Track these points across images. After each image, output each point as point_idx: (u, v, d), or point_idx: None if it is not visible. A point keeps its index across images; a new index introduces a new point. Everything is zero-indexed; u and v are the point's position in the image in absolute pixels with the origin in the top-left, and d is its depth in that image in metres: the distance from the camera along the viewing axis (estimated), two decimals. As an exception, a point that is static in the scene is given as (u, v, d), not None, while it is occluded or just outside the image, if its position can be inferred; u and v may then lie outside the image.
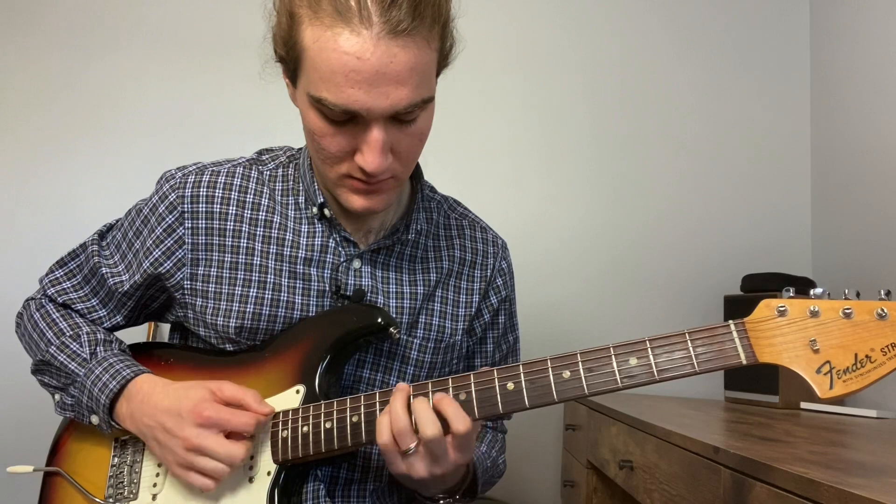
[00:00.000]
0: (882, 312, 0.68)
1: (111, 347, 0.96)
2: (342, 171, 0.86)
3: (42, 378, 0.99)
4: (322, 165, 0.88)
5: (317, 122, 0.82)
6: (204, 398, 0.84)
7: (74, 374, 0.93)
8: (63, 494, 0.96)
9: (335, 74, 0.77)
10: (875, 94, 1.81)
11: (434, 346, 1.00)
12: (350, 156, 0.84)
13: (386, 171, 0.84)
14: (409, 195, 1.03)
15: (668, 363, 0.74)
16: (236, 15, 2.09)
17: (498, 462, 1.09)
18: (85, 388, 0.92)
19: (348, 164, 0.85)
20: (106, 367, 0.92)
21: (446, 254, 1.04)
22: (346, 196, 0.88)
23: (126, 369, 0.91)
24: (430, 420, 0.77)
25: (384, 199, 0.89)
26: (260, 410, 0.85)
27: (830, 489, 0.61)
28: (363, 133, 0.81)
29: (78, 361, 0.94)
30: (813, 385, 0.69)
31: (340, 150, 0.83)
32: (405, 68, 0.77)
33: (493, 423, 1.12)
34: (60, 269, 1.04)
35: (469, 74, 2.03)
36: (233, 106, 2.08)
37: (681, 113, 2.18)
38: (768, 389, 1.68)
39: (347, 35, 0.76)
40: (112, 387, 0.90)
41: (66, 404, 0.96)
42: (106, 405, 0.90)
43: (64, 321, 0.98)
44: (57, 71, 2.08)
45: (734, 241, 2.13)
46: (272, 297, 0.93)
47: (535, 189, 2.15)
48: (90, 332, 0.97)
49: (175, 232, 0.95)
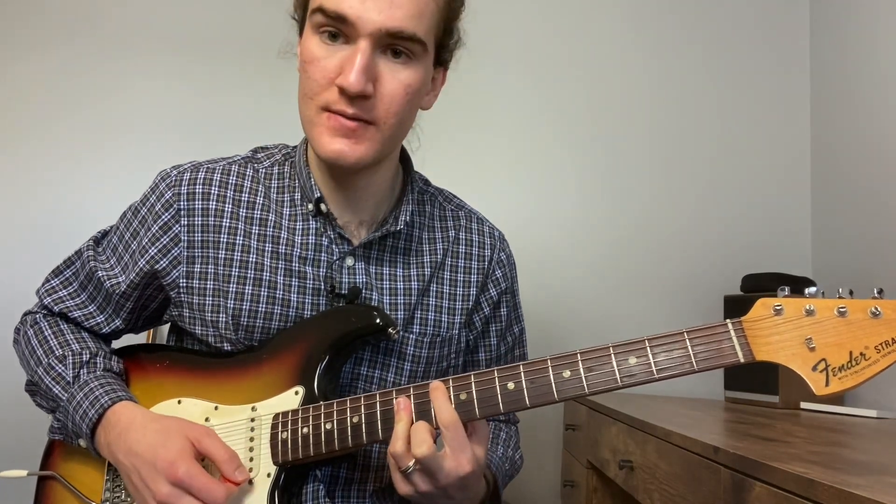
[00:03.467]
0: (876, 311, 0.69)
1: (94, 369, 0.94)
2: (321, 103, 0.86)
3: (35, 399, 0.99)
4: (305, 103, 0.89)
5: (311, 49, 0.86)
6: (181, 453, 0.81)
7: (58, 398, 0.93)
8: (59, 498, 0.96)
9: None
10: (875, 94, 1.81)
11: (431, 341, 0.99)
12: (333, 83, 0.85)
13: (364, 105, 0.85)
14: (400, 187, 1.03)
15: (666, 362, 0.74)
16: (236, 15, 2.09)
17: (515, 459, 1.09)
18: (68, 412, 0.91)
19: (329, 93, 0.86)
20: (87, 392, 0.90)
21: (440, 246, 1.03)
22: (322, 139, 0.87)
23: (104, 396, 0.89)
24: (422, 440, 0.77)
25: (360, 148, 0.87)
26: (235, 478, 0.82)
27: (830, 489, 0.61)
28: (350, 55, 0.84)
29: (62, 385, 0.93)
30: (809, 382, 0.70)
31: (325, 76, 0.85)
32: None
33: (505, 416, 1.11)
34: (56, 278, 1.04)
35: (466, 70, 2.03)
36: (233, 106, 2.08)
37: (680, 113, 2.18)
38: (768, 389, 1.68)
39: None
40: (91, 415, 0.88)
41: (54, 428, 0.97)
42: (88, 434, 0.89)
43: (55, 339, 0.97)
44: (56, 71, 2.08)
45: (734, 241, 2.13)
46: (268, 294, 0.93)
47: (533, 189, 2.15)
48: (76, 353, 0.95)
49: (171, 229, 0.95)
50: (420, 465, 0.78)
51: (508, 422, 1.13)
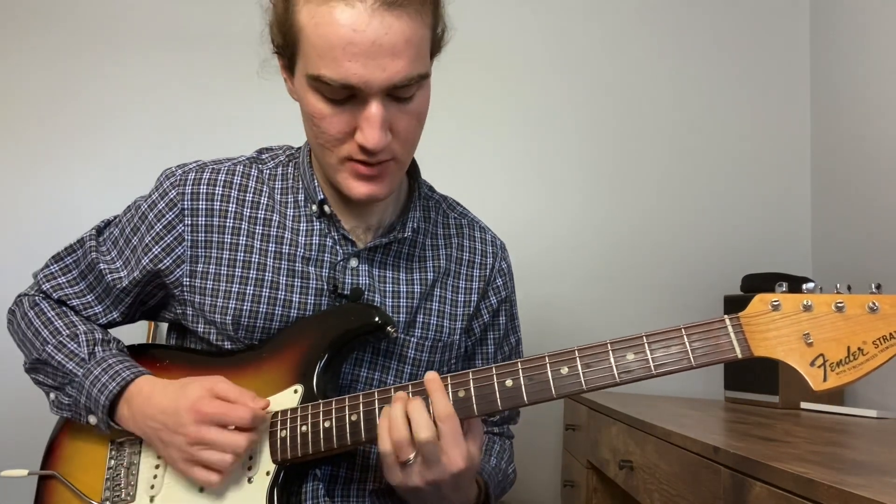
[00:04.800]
0: (873, 306, 0.69)
1: (109, 347, 0.96)
2: (342, 154, 0.86)
3: (36, 377, 0.99)
4: (322, 152, 0.88)
5: (316, 105, 0.83)
6: (201, 395, 0.85)
7: (72, 374, 0.93)
8: (59, 498, 0.96)
9: (333, 49, 0.78)
10: (875, 94, 1.81)
11: (431, 346, 1.00)
12: (350, 136, 0.84)
13: (385, 150, 0.84)
14: (406, 194, 1.03)
15: (664, 358, 0.74)
16: (236, 16, 2.09)
17: (508, 472, 1.09)
18: (83, 388, 0.92)
19: (348, 146, 0.85)
20: (105, 367, 0.92)
21: (444, 252, 1.04)
22: (348, 183, 0.88)
23: (125, 370, 0.91)
24: (425, 423, 0.77)
25: (386, 185, 0.89)
26: (256, 405, 0.85)
27: (830, 489, 0.61)
28: (362, 110, 0.82)
29: (76, 361, 0.94)
30: (807, 377, 0.70)
31: (340, 131, 0.84)
32: (401, 39, 0.79)
33: (500, 429, 1.11)
34: (56, 265, 1.03)
35: (464, 73, 2.05)
36: (233, 106, 2.09)
37: (681, 112, 2.18)
38: (768, 389, 1.68)
39: (342, 8, 0.77)
40: (111, 388, 0.90)
41: (62, 403, 0.96)
42: (105, 406, 0.90)
43: (60, 319, 0.98)
44: (57, 72, 2.09)
45: (734, 241, 2.13)
46: (270, 294, 0.94)
47: (533, 187, 2.15)
48: (87, 332, 0.97)
49: (175, 229, 0.95)
50: (420, 453, 0.77)
51: (503, 435, 1.12)
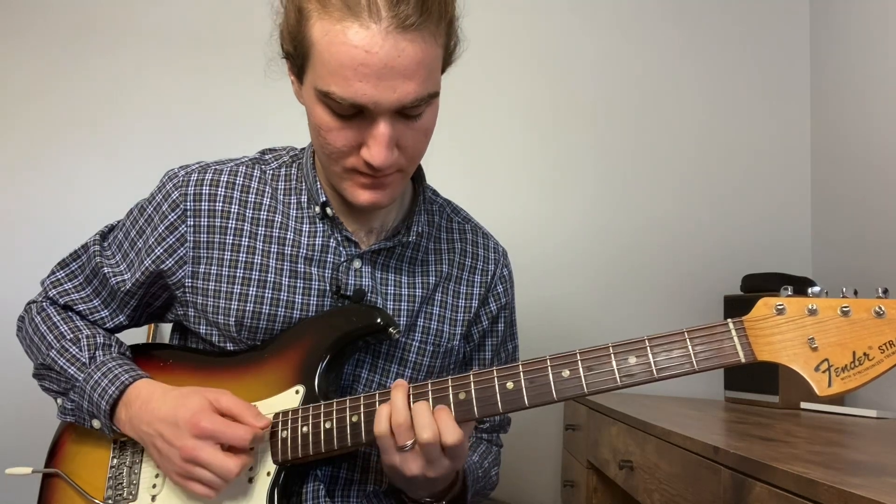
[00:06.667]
0: (880, 310, 0.68)
1: (110, 351, 0.96)
2: (348, 166, 0.86)
3: (43, 383, 0.99)
4: (327, 160, 0.88)
5: (323, 117, 0.83)
6: (202, 408, 0.84)
7: (74, 379, 0.93)
8: (62, 496, 0.96)
9: (344, 68, 0.77)
10: (875, 95, 1.81)
11: (433, 350, 1.00)
12: (356, 150, 0.84)
13: (392, 165, 0.84)
14: (410, 197, 1.03)
15: (666, 362, 0.74)
16: (238, 14, 2.09)
17: (490, 473, 1.08)
18: (85, 392, 0.92)
19: (354, 159, 0.85)
20: (105, 371, 0.92)
21: (446, 257, 1.04)
22: (352, 190, 0.89)
23: (124, 374, 0.91)
24: (428, 424, 0.77)
25: (389, 194, 0.89)
26: (256, 424, 0.84)
27: (830, 489, 0.61)
28: (370, 127, 0.82)
29: (77, 366, 0.94)
30: (811, 383, 0.69)
31: (346, 144, 0.84)
32: (413, 62, 0.78)
33: (489, 437, 1.12)
34: (62, 270, 1.04)
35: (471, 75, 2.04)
36: (235, 106, 2.09)
37: (681, 113, 2.18)
38: (768, 389, 1.68)
39: (357, 29, 0.76)
40: (111, 392, 0.90)
41: (66, 409, 0.96)
42: (107, 411, 0.90)
43: (65, 324, 0.98)
44: (57, 71, 2.08)
45: (734, 241, 2.13)
46: (272, 296, 0.94)
47: (536, 188, 2.15)
48: (90, 336, 0.96)
49: (177, 230, 0.95)
50: (422, 449, 0.78)
51: (491, 443, 1.12)
